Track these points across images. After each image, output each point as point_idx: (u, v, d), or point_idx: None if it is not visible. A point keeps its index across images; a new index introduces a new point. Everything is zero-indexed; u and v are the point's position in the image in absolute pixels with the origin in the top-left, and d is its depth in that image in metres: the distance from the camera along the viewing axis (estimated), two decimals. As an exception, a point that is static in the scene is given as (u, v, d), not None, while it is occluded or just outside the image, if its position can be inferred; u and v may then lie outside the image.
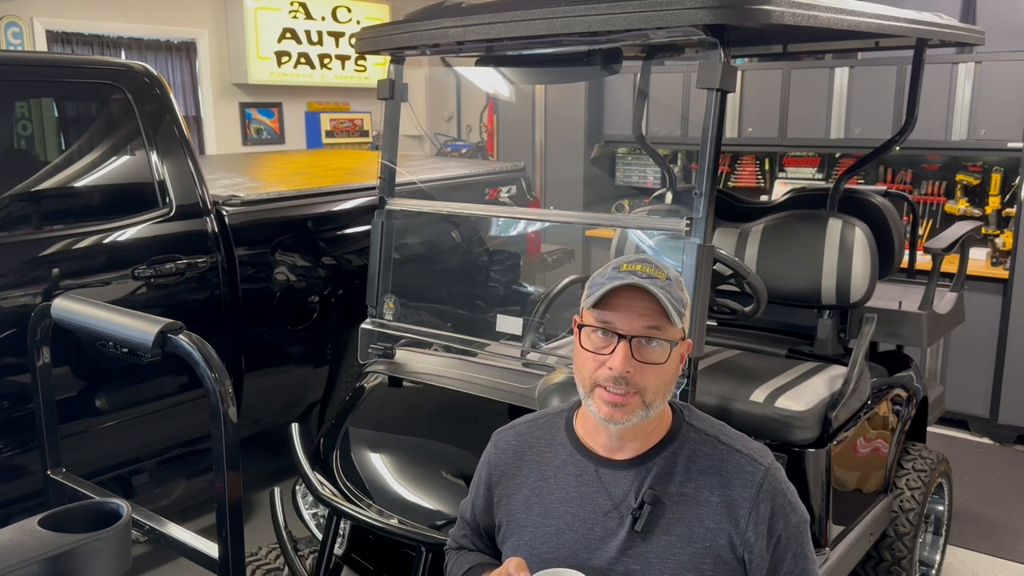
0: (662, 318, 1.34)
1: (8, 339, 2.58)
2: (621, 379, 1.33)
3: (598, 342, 1.37)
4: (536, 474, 1.50)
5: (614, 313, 1.35)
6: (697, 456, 1.42)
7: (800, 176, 5.28)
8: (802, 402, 2.36)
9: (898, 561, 2.75)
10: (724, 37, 1.78)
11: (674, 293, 1.37)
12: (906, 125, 2.79)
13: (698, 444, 1.43)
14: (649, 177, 5.94)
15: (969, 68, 4.44)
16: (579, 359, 1.40)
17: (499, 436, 1.59)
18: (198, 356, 1.51)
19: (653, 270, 1.37)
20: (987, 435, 4.47)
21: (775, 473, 1.42)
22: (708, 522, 1.37)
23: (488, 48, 2.45)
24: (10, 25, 5.34)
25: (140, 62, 3.07)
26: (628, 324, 1.34)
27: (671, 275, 1.39)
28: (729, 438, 1.45)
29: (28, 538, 1.11)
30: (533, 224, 4.56)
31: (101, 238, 2.83)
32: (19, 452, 2.66)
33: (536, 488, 1.49)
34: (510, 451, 1.55)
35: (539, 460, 1.51)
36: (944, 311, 3.03)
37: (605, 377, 1.35)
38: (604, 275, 1.38)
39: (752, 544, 1.37)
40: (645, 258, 1.40)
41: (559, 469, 1.47)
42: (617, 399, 1.34)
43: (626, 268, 1.37)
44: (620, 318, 1.35)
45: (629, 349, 1.34)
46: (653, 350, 1.35)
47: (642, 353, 1.34)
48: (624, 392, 1.34)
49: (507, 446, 1.56)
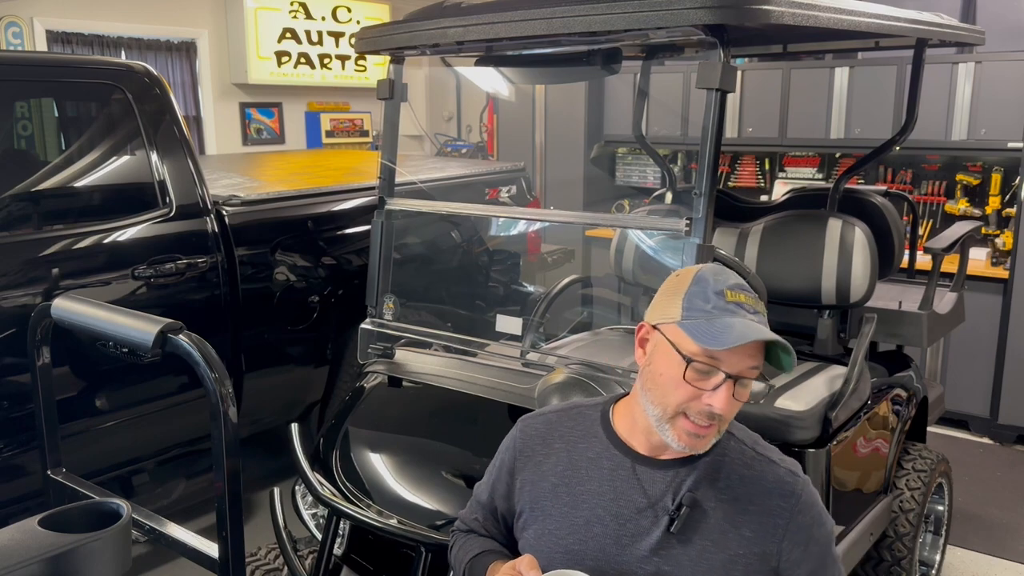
0: (762, 356, 1.33)
1: (8, 339, 2.58)
2: (716, 416, 1.31)
3: (699, 376, 1.31)
4: (566, 462, 1.47)
5: (729, 354, 1.30)
6: (737, 465, 1.40)
7: (800, 176, 5.28)
8: (802, 402, 2.36)
9: (898, 561, 2.75)
10: (724, 37, 1.78)
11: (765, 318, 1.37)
12: (906, 125, 2.79)
13: (738, 453, 1.42)
14: (649, 177, 5.94)
15: (969, 68, 4.44)
16: (667, 384, 1.34)
17: (526, 422, 1.56)
18: (198, 356, 1.51)
19: (754, 301, 1.35)
20: (987, 435, 4.47)
21: (810, 486, 1.42)
22: (745, 531, 1.36)
23: (488, 48, 2.45)
24: (10, 25, 5.35)
25: (140, 62, 3.07)
26: (738, 364, 1.30)
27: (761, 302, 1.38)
28: (765, 449, 1.45)
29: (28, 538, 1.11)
30: (533, 224, 4.56)
31: (101, 238, 2.83)
32: (19, 452, 2.66)
33: (565, 477, 1.46)
34: (538, 437, 1.52)
35: (570, 449, 1.48)
36: (944, 311, 3.03)
37: (698, 412, 1.31)
38: (712, 306, 1.33)
39: (788, 555, 1.37)
40: (741, 284, 1.37)
41: (592, 461, 1.45)
42: (702, 431, 1.32)
43: (732, 298, 1.33)
44: (731, 356, 1.30)
45: (732, 389, 1.31)
46: (749, 388, 1.34)
47: (741, 392, 1.32)
48: (709, 424, 1.32)
49: (535, 432, 1.53)
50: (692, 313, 1.33)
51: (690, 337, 1.31)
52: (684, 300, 1.35)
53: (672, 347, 1.33)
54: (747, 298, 1.35)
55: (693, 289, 1.36)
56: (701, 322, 1.31)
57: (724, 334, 1.28)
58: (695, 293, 1.35)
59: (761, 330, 1.30)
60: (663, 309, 1.39)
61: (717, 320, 1.31)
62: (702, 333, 1.30)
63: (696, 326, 1.32)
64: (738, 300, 1.33)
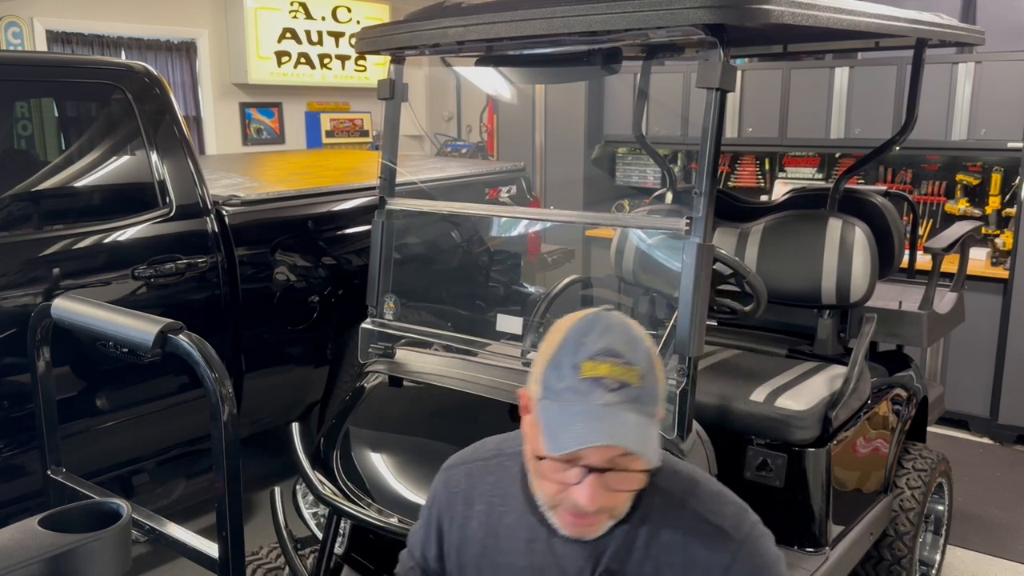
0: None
1: (8, 339, 2.58)
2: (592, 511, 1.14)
3: (558, 470, 1.12)
4: (486, 529, 1.32)
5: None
6: (661, 528, 1.21)
7: (800, 176, 5.28)
8: (802, 402, 2.36)
9: (898, 561, 2.75)
10: (724, 36, 1.78)
11: (650, 393, 1.11)
12: (906, 125, 2.79)
13: (664, 511, 1.22)
14: (649, 177, 5.94)
15: (969, 68, 4.44)
16: (533, 472, 1.18)
17: (448, 474, 1.41)
18: (198, 356, 1.51)
19: (623, 371, 1.09)
20: (987, 435, 4.47)
21: (751, 547, 1.22)
22: None
23: (488, 48, 2.45)
24: (10, 25, 5.34)
25: (140, 62, 3.07)
26: (600, 455, 1.09)
27: (643, 363, 1.12)
28: (699, 501, 1.24)
29: (28, 538, 1.11)
30: (533, 224, 4.56)
31: (101, 238, 2.83)
32: (19, 452, 2.66)
33: (486, 546, 1.32)
34: (460, 495, 1.37)
35: (489, 512, 1.33)
36: (944, 311, 3.03)
37: (568, 506, 1.15)
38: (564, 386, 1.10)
39: None
40: (611, 348, 1.10)
41: (510, 529, 1.29)
42: (585, 523, 1.16)
43: (588, 373, 1.09)
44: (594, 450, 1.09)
45: (599, 482, 1.11)
46: (626, 477, 1.12)
47: (613, 484, 1.12)
48: (588, 516, 1.15)
49: (458, 488, 1.38)
50: (547, 393, 1.13)
51: (539, 429, 1.12)
52: (544, 373, 1.14)
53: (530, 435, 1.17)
54: (612, 368, 1.09)
55: (556, 357, 1.14)
56: (552, 409, 1.11)
57: (563, 433, 1.08)
58: (554, 364, 1.13)
59: (602, 432, 1.06)
60: (531, 377, 1.18)
61: (566, 409, 1.09)
62: (547, 426, 1.11)
63: (547, 414, 1.11)
64: (596, 375, 1.09)
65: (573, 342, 1.13)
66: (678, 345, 1.87)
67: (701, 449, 1.96)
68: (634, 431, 1.08)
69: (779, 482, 2.34)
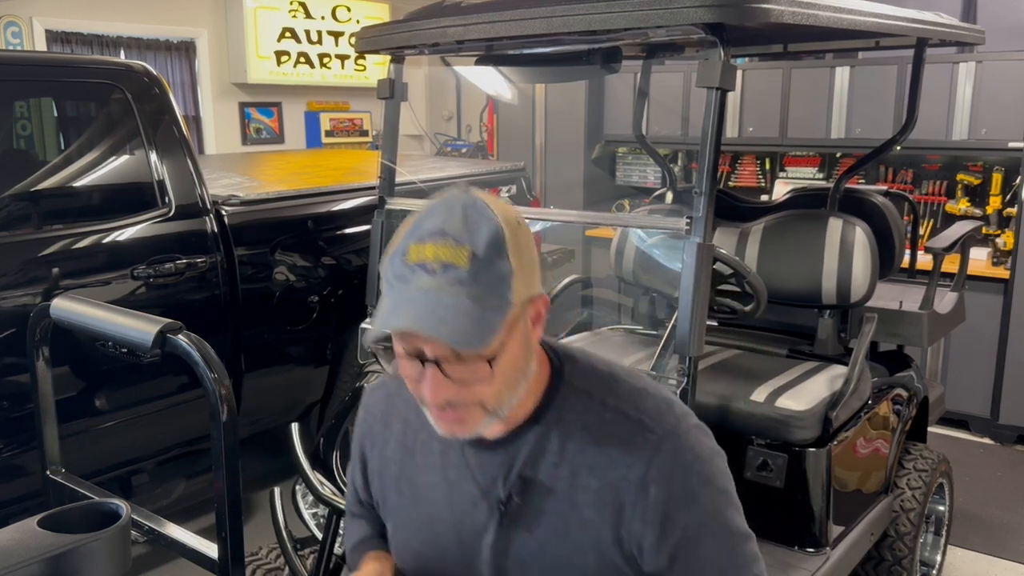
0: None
1: (8, 339, 2.58)
2: (446, 404, 1.05)
3: (407, 366, 1.05)
4: (403, 447, 1.26)
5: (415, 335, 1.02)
6: (575, 428, 1.12)
7: (801, 176, 5.28)
8: (802, 402, 2.36)
9: (899, 561, 2.75)
10: (724, 36, 1.78)
11: (486, 276, 1.01)
12: (906, 125, 2.79)
13: (580, 412, 1.13)
14: (649, 177, 5.93)
15: (970, 67, 4.44)
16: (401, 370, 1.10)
17: (368, 396, 1.35)
18: (197, 356, 1.51)
19: (449, 252, 1.00)
20: (988, 435, 4.46)
21: (674, 443, 1.10)
22: (587, 511, 1.10)
23: (488, 47, 2.45)
24: (9, 25, 5.34)
25: (139, 62, 3.07)
26: (430, 344, 1.01)
27: (481, 244, 1.01)
28: (619, 399, 1.13)
29: (27, 538, 1.11)
30: (533, 224, 4.55)
31: (100, 238, 2.83)
32: (18, 452, 2.65)
33: (404, 465, 1.25)
34: (378, 415, 1.31)
35: (405, 431, 1.26)
36: (945, 311, 3.03)
37: (425, 403, 1.08)
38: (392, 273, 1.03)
39: (640, 537, 1.09)
40: (442, 228, 1.01)
41: (425, 444, 1.22)
42: (452, 418, 1.07)
43: (414, 257, 1.01)
44: (423, 339, 1.01)
45: (441, 373, 1.02)
46: (470, 367, 1.03)
47: (459, 373, 1.03)
48: (457, 411, 1.06)
49: (376, 409, 1.32)
50: (384, 283, 1.05)
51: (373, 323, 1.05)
52: (386, 263, 1.06)
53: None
54: (437, 250, 1.00)
55: (396, 244, 1.05)
56: (383, 299, 1.04)
57: (375, 322, 1.02)
58: (393, 252, 1.05)
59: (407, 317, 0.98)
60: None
61: (390, 297, 1.02)
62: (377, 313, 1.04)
63: (379, 304, 1.05)
64: (419, 259, 1.00)
65: (413, 226, 1.04)
66: (678, 345, 1.86)
67: (701, 449, 1.95)
68: (447, 315, 0.98)
69: (779, 482, 2.33)
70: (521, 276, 1.04)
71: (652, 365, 2.15)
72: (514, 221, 1.06)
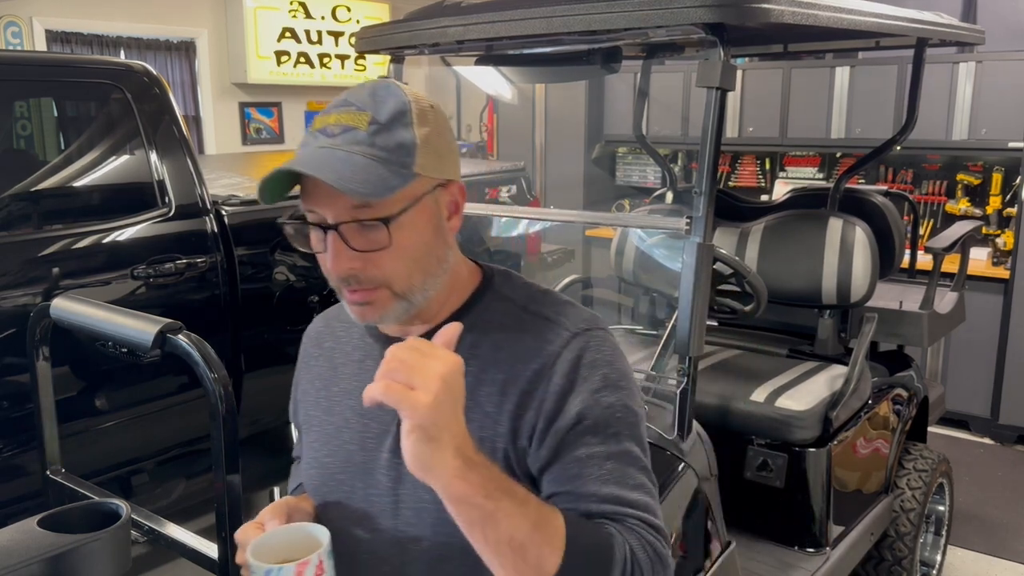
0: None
1: (8, 339, 2.58)
2: (351, 278, 1.04)
3: (316, 241, 1.06)
4: (327, 363, 1.25)
5: (316, 198, 1.02)
6: (491, 328, 1.10)
7: (801, 176, 5.28)
8: (802, 402, 2.36)
9: (899, 561, 2.75)
10: (724, 36, 1.78)
11: (385, 140, 1.00)
12: (907, 125, 2.79)
13: (499, 315, 1.11)
14: (649, 177, 5.93)
15: (970, 68, 4.44)
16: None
17: (311, 325, 1.34)
18: (197, 356, 1.51)
19: (350, 117, 1.00)
20: (988, 435, 4.46)
21: (587, 341, 1.07)
22: (489, 406, 1.06)
23: (488, 47, 2.45)
24: (9, 24, 5.34)
25: (139, 62, 3.06)
26: (330, 208, 1.01)
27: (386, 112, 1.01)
28: (541, 305, 1.12)
29: (27, 538, 1.11)
30: (533, 224, 4.56)
31: (100, 238, 2.83)
32: (18, 452, 2.65)
33: (324, 379, 1.23)
34: (314, 337, 1.30)
35: (335, 345, 1.25)
36: (945, 311, 3.03)
37: (335, 279, 1.06)
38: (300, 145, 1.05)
39: (533, 427, 1.04)
40: (348, 99, 1.03)
41: (348, 355, 1.22)
42: (359, 298, 1.05)
43: (318, 125, 1.02)
44: (323, 202, 1.01)
45: (343, 241, 1.01)
46: (370, 235, 1.01)
47: (360, 241, 1.01)
48: (364, 290, 1.05)
49: (313, 331, 1.31)
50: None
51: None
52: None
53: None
54: (339, 116, 1.01)
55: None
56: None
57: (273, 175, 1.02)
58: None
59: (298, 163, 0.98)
60: None
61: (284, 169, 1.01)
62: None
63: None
64: (323, 125, 1.02)
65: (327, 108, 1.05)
66: (678, 345, 1.86)
67: (701, 449, 1.96)
68: (338, 164, 0.97)
69: (779, 482, 2.33)
70: (429, 152, 1.02)
71: (652, 365, 2.15)
72: (427, 103, 1.05)
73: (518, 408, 1.05)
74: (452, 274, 1.12)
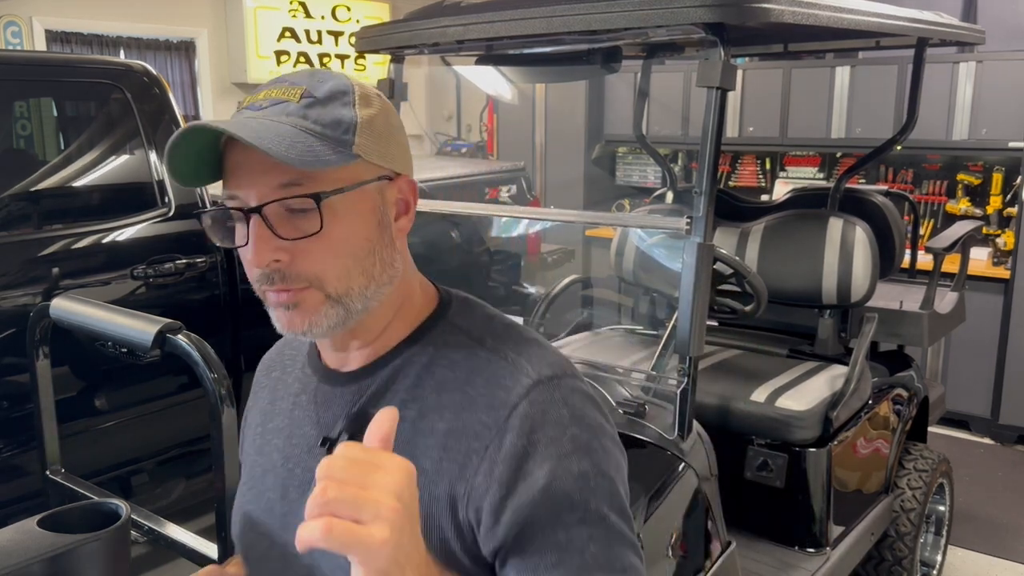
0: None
1: (7, 339, 2.58)
2: (274, 274, 0.88)
3: (239, 233, 0.89)
4: (270, 395, 1.09)
5: (237, 178, 0.88)
6: (439, 364, 0.92)
7: (801, 176, 5.28)
8: (803, 402, 2.36)
9: (899, 561, 2.74)
10: (724, 35, 1.77)
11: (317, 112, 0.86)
12: (907, 124, 2.79)
13: (449, 349, 0.93)
14: (650, 177, 5.93)
15: (970, 67, 4.44)
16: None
17: (270, 349, 1.18)
18: (197, 356, 1.51)
19: (281, 91, 0.87)
20: (988, 435, 4.46)
21: (552, 393, 0.86)
22: (426, 462, 0.86)
23: (488, 47, 2.45)
24: (9, 24, 5.34)
25: (139, 61, 3.07)
26: (254, 188, 0.85)
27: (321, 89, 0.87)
28: (500, 341, 0.92)
29: (27, 539, 1.11)
30: (533, 224, 4.56)
31: (100, 238, 2.83)
32: (18, 452, 2.65)
33: (264, 413, 1.08)
34: (265, 366, 1.14)
35: (280, 376, 1.09)
36: (945, 311, 3.03)
37: (257, 277, 0.89)
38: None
39: (482, 496, 0.84)
40: (283, 78, 0.91)
41: (288, 387, 1.06)
42: (284, 299, 0.89)
43: (247, 102, 0.90)
44: (244, 182, 0.86)
45: (266, 226, 0.85)
46: (299, 222, 0.85)
47: (287, 227, 0.85)
48: (289, 289, 0.88)
49: (267, 361, 1.15)
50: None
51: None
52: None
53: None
54: (269, 92, 0.89)
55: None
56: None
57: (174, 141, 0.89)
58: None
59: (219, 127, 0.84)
60: None
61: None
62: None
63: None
64: (251, 102, 0.90)
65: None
66: (678, 345, 1.86)
67: (701, 449, 1.96)
68: (262, 129, 0.82)
69: (779, 482, 2.33)
70: (372, 134, 0.88)
71: (652, 365, 2.15)
72: (373, 90, 0.93)
73: (461, 469, 0.85)
74: (401, 289, 0.95)
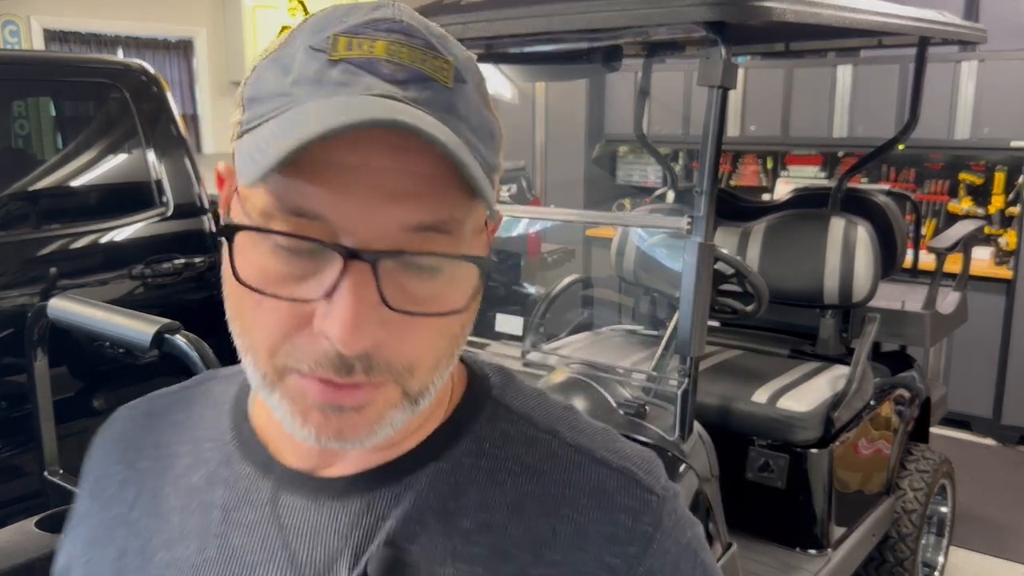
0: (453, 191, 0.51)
1: (5, 339, 2.57)
2: (356, 361, 0.52)
3: (288, 263, 0.53)
4: (148, 497, 0.67)
5: (325, 187, 0.50)
6: (504, 470, 0.61)
7: (803, 175, 5.27)
8: (804, 402, 2.35)
9: (901, 562, 2.74)
10: (725, 34, 1.77)
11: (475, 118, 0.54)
12: (909, 124, 2.78)
13: (516, 446, 0.62)
14: (650, 176, 5.92)
15: (972, 66, 4.43)
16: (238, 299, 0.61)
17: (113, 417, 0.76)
18: (195, 356, 1.50)
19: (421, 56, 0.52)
20: (990, 436, 4.45)
21: (673, 511, 0.62)
22: None
23: (488, 46, 2.44)
24: (7, 23, 5.33)
25: (138, 60, 3.06)
26: (372, 221, 0.50)
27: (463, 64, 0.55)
28: (580, 434, 0.64)
29: (25, 539, 1.10)
30: (533, 224, 4.55)
31: (98, 237, 2.82)
32: (17, 453, 2.64)
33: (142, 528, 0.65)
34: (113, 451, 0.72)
35: (161, 467, 0.68)
36: (947, 311, 3.02)
37: (317, 357, 0.52)
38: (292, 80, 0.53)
39: None
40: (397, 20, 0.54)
41: (196, 491, 0.64)
42: (348, 398, 0.53)
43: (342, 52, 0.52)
44: (354, 206, 0.50)
45: (375, 285, 0.50)
46: (419, 286, 0.52)
47: (396, 292, 0.51)
48: (364, 384, 0.53)
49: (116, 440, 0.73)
50: (253, 110, 0.54)
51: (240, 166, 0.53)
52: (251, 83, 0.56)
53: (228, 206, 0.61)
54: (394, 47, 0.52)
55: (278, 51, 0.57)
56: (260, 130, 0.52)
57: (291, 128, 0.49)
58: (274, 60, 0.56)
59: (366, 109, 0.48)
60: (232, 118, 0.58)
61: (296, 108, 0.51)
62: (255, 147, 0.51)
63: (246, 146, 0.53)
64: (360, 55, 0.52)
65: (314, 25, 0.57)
66: (679, 345, 1.85)
67: (702, 450, 1.95)
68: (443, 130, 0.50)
69: (781, 483, 2.32)
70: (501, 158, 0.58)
71: (653, 365, 2.14)
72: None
73: None
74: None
